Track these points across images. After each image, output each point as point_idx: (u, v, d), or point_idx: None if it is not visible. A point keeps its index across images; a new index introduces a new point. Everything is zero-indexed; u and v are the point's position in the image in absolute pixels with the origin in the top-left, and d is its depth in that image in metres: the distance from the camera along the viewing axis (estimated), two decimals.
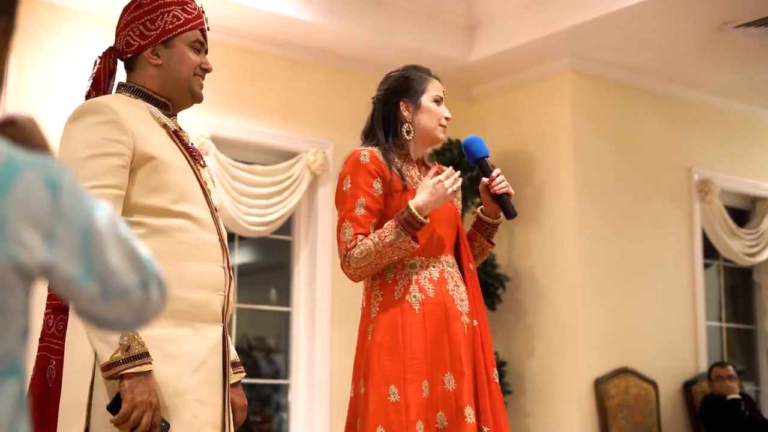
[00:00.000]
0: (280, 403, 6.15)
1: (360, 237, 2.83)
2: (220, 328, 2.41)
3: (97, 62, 2.50)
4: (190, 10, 2.49)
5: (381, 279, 2.91)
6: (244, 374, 2.62)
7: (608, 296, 6.08)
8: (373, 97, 3.11)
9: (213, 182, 2.57)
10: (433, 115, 3.00)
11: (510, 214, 2.97)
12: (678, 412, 6.37)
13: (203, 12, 2.56)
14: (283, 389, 6.03)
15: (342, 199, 2.90)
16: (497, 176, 2.97)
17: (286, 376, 5.98)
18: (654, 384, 6.18)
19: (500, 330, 6.26)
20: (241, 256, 6.03)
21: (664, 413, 6.24)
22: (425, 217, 2.81)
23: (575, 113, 6.14)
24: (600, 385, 5.90)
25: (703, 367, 6.47)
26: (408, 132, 2.98)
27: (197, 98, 2.52)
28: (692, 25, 5.64)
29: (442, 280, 2.90)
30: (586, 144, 6.15)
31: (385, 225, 2.83)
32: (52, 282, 1.11)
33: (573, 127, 6.11)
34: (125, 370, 2.16)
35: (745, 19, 5.52)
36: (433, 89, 3.02)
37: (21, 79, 4.96)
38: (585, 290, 5.99)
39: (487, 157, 3.04)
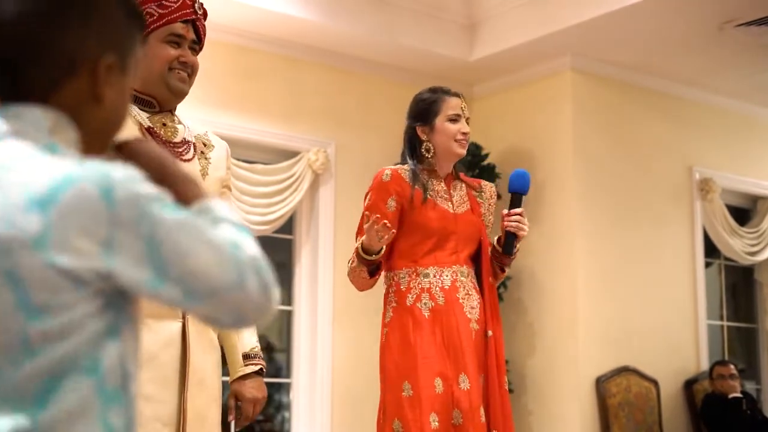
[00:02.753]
0: (281, 401, 6.16)
1: None
2: (178, 324, 2.37)
3: None
4: (167, 5, 2.46)
5: (396, 286, 3.11)
6: (258, 367, 2.57)
7: (609, 295, 6.08)
8: None
9: (206, 175, 2.52)
10: (446, 134, 3.19)
11: (507, 250, 3.18)
12: (679, 410, 6.37)
13: (192, 3, 2.50)
14: (285, 388, 6.04)
15: (362, 214, 3.13)
16: (515, 215, 3.13)
17: (287, 375, 5.99)
18: (655, 383, 6.19)
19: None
20: None
21: (665, 412, 6.24)
22: (373, 255, 2.98)
23: (576, 112, 6.14)
24: (601, 383, 5.90)
25: (704, 365, 6.47)
26: (428, 150, 3.19)
27: (175, 92, 2.48)
28: (693, 24, 5.64)
29: (453, 289, 3.08)
30: (586, 143, 6.16)
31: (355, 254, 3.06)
32: (121, 286, 1.15)
33: (573, 126, 6.11)
34: None
35: (745, 18, 5.52)
36: (448, 108, 3.20)
37: None
38: (586, 289, 5.99)
39: (524, 194, 3.20)
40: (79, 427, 1.12)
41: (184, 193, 1.29)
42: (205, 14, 2.60)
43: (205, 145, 2.58)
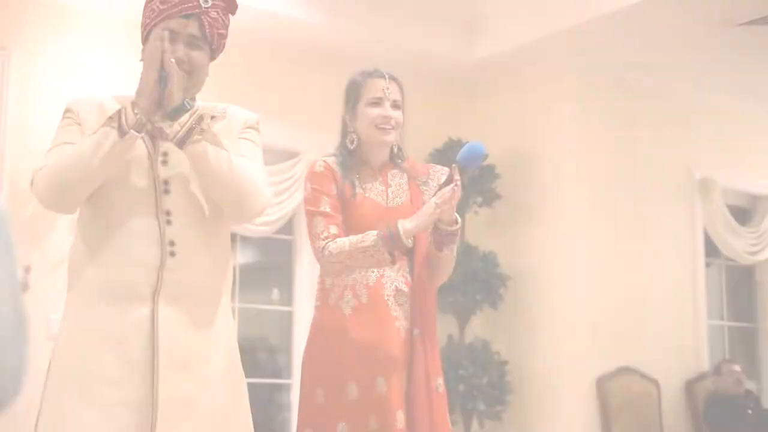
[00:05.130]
0: (282, 402, 6.16)
1: (332, 228, 2.83)
2: (148, 309, 2.30)
3: None
4: None
5: (321, 284, 2.95)
6: None
7: (610, 295, 6.08)
8: None
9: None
10: (366, 119, 2.92)
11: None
12: (680, 410, 6.37)
13: None
14: (285, 389, 6.04)
15: (307, 202, 2.90)
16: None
17: (288, 376, 5.99)
18: (656, 383, 6.18)
19: (502, 329, 6.26)
20: (242, 256, 6.04)
21: (666, 412, 6.24)
22: (409, 240, 2.74)
23: (576, 112, 6.14)
24: (602, 383, 5.90)
25: (705, 365, 6.47)
26: (351, 142, 2.95)
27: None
28: (694, 24, 5.64)
29: (379, 286, 2.86)
30: (587, 143, 6.15)
31: (367, 232, 2.79)
32: None
33: (574, 127, 6.11)
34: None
35: (747, 17, 5.51)
36: (369, 92, 2.93)
37: (23, 80, 4.96)
38: (587, 289, 5.99)
39: (464, 167, 2.79)
40: None
41: None
42: (227, 8, 2.54)
43: (213, 118, 2.47)
